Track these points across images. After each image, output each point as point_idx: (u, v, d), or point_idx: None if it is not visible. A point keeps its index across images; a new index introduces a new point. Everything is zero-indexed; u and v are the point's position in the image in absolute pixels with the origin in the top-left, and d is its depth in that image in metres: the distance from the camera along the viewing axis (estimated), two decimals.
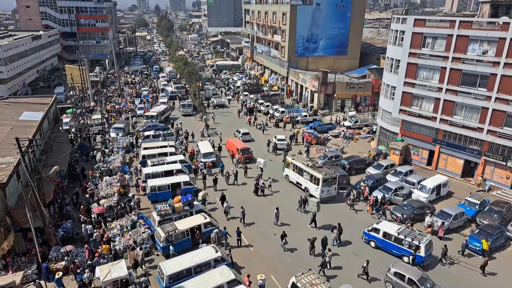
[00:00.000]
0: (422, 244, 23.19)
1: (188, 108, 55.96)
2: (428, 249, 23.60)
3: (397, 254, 24.49)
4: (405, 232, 24.42)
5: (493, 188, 33.04)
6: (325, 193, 30.88)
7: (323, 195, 30.83)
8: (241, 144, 40.43)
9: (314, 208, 27.98)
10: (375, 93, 54.77)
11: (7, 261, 22.50)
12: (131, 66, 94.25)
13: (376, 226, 25.67)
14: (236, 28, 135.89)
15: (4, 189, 22.78)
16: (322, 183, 30.49)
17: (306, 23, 63.93)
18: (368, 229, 26.00)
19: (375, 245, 25.58)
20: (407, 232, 24.50)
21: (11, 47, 64.32)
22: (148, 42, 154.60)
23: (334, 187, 31.32)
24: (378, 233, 25.25)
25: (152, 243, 25.08)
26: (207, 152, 38.59)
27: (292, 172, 33.97)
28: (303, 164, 32.61)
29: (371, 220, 28.42)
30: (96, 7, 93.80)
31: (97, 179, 33.72)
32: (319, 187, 30.65)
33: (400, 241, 24.13)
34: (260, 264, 23.81)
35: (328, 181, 30.80)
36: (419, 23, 35.43)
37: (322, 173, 30.74)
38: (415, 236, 23.85)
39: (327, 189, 30.88)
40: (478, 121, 32.89)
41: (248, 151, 39.19)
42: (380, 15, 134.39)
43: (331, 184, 31.00)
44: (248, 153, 38.94)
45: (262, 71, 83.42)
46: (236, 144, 40.17)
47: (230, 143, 41.05)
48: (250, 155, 39.08)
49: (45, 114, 36.22)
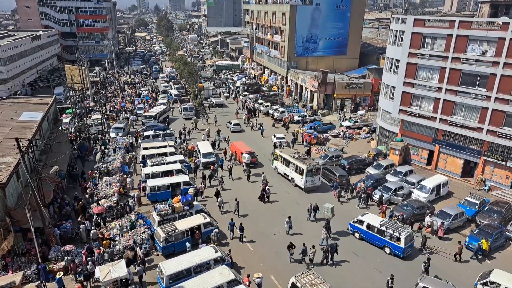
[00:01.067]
0: (403, 236, 23.86)
1: (189, 111, 54.42)
2: (409, 241, 24.24)
3: (378, 245, 25.26)
4: (387, 225, 25.20)
5: (492, 188, 33.06)
6: (309, 183, 32.70)
7: (307, 184, 32.73)
8: (245, 147, 39.12)
9: (328, 214, 27.04)
10: (375, 93, 54.80)
11: (7, 261, 22.48)
12: (130, 66, 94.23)
13: (361, 218, 26.49)
14: (236, 28, 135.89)
15: (4, 189, 22.74)
16: (306, 174, 32.22)
17: (306, 23, 63.95)
18: (354, 221, 26.86)
19: (359, 236, 26.38)
20: (389, 224, 25.28)
21: (11, 47, 64.32)
22: (148, 42, 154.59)
23: (318, 177, 33.07)
24: (362, 225, 26.04)
25: (152, 243, 25.07)
26: (206, 152, 38.37)
27: (280, 164, 35.86)
28: (290, 156, 34.50)
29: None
30: (95, 7, 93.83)
31: (97, 179, 33.71)
32: (303, 177, 32.35)
33: (382, 233, 24.90)
34: (259, 264, 23.80)
35: (312, 171, 32.58)
36: (419, 23, 35.45)
37: (306, 164, 32.50)
38: (396, 228, 24.55)
39: (311, 179, 32.67)
40: (477, 121, 32.90)
41: (253, 155, 38.03)
42: (380, 15, 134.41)
43: (315, 175, 32.77)
44: (252, 157, 37.75)
45: (261, 71, 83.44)
46: (240, 147, 39.03)
47: (234, 147, 40.05)
48: (254, 160, 37.99)
49: (45, 114, 36.19)
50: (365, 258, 24.56)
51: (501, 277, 20.66)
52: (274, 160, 37.03)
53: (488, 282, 20.85)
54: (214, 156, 38.39)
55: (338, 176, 33.79)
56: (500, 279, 20.54)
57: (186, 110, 54.50)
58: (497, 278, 20.63)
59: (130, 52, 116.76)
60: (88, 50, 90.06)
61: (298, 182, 33.27)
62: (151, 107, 58.22)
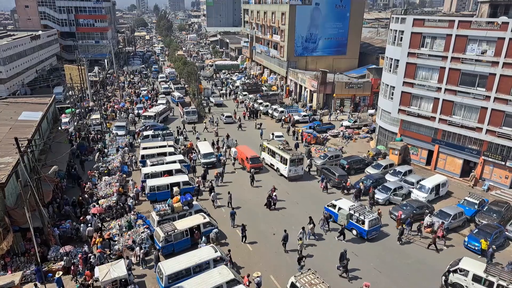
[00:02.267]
0: (367, 219, 25.90)
1: (192, 115, 52.04)
2: (373, 225, 26.15)
3: (347, 227, 26.90)
4: (355, 209, 27.02)
5: (492, 188, 33.08)
6: (292, 172, 34.94)
7: (291, 174, 34.98)
8: (250, 152, 37.69)
9: (344, 220, 26.65)
10: (374, 93, 54.82)
11: (6, 261, 22.47)
12: (130, 66, 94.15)
13: (334, 202, 28.50)
14: (235, 28, 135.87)
15: (3, 189, 22.73)
16: (290, 163, 34.52)
17: (305, 23, 63.93)
18: (328, 205, 28.87)
19: (332, 219, 28.02)
20: (358, 208, 27.09)
21: (10, 47, 64.18)
22: (147, 42, 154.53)
23: (300, 167, 35.35)
24: (335, 208, 27.88)
25: (151, 243, 25.06)
26: (207, 153, 38.19)
27: (267, 155, 38.07)
28: (276, 147, 36.66)
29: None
30: (95, 7, 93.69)
31: (96, 178, 33.69)
32: (287, 167, 34.66)
33: (351, 216, 26.83)
34: (259, 264, 23.80)
35: (295, 161, 34.83)
36: (418, 23, 35.46)
37: (289, 154, 34.78)
38: (363, 213, 26.41)
39: (294, 168, 34.92)
40: (477, 121, 32.92)
41: (258, 160, 36.97)
42: (379, 15, 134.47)
43: (298, 165, 35.03)
44: (258, 163, 36.69)
45: (261, 71, 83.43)
46: (245, 152, 37.56)
47: (239, 151, 38.71)
48: (260, 165, 36.97)
49: (44, 114, 36.16)
50: (365, 259, 24.57)
51: (470, 264, 21.55)
52: (262, 151, 38.95)
53: (457, 270, 21.64)
54: (215, 156, 38.38)
55: (337, 176, 33.82)
56: (469, 266, 21.41)
57: (189, 114, 52.13)
58: (466, 265, 21.50)
59: (130, 52, 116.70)
60: (87, 50, 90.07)
61: (283, 171, 35.49)
62: (152, 106, 58.16)
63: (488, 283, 20.33)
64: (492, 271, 20.64)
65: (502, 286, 19.76)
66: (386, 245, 26.06)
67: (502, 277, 20.01)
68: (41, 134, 34.07)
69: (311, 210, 29.82)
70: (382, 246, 25.85)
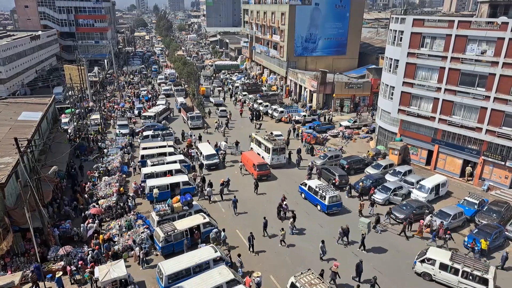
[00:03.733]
0: (327, 195, 29.01)
1: (197, 120, 49.84)
2: (333, 201, 29.21)
3: (314, 203, 30.54)
4: (320, 187, 30.28)
5: (492, 188, 33.09)
6: (275, 160, 37.66)
7: (274, 161, 37.55)
8: (258, 159, 36.39)
9: (363, 229, 25.39)
10: (374, 93, 54.83)
11: (6, 261, 22.48)
12: (130, 66, 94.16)
13: (305, 181, 31.86)
14: (235, 28, 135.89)
15: (3, 189, 22.74)
16: (272, 152, 37.18)
17: (305, 23, 63.96)
18: (301, 183, 32.29)
19: (304, 196, 31.50)
20: (322, 187, 30.37)
21: (10, 47, 64.22)
22: (147, 42, 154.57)
23: (283, 156, 38.10)
24: (306, 187, 31.31)
25: (151, 243, 25.06)
26: (210, 154, 37.71)
27: (255, 145, 40.49)
28: (261, 138, 39.53)
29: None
30: (94, 7, 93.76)
31: (96, 178, 33.68)
32: (270, 155, 37.18)
33: (316, 193, 30.10)
34: (259, 264, 23.80)
35: (277, 150, 37.45)
36: (418, 23, 35.47)
37: (272, 144, 37.49)
38: (327, 190, 29.62)
39: (277, 157, 37.65)
40: (476, 121, 32.92)
41: (266, 167, 35.50)
42: (379, 15, 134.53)
43: (280, 153, 37.68)
44: (265, 170, 35.28)
45: (261, 71, 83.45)
46: (252, 158, 36.11)
47: (245, 157, 37.34)
48: (268, 172, 35.49)
49: (44, 114, 36.17)
50: (365, 259, 24.52)
51: (437, 254, 22.69)
52: (251, 142, 41.47)
53: (425, 259, 22.65)
54: (218, 157, 38.09)
55: (337, 176, 33.82)
56: (435, 255, 22.52)
57: (194, 119, 49.82)
58: (433, 255, 22.60)
59: (129, 52, 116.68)
60: (87, 50, 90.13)
61: (267, 159, 37.52)
62: (152, 106, 58.16)
63: (454, 270, 21.57)
64: (457, 259, 21.86)
65: (467, 272, 21.11)
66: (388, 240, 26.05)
67: (466, 264, 21.36)
68: (40, 134, 34.07)
69: (310, 209, 29.87)
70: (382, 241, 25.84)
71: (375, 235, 26.88)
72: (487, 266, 21.38)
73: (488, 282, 20.57)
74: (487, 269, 21.04)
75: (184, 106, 56.35)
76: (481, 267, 21.15)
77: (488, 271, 20.85)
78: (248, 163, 36.57)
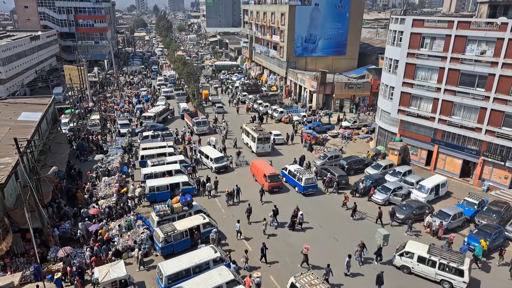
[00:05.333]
0: (303, 177, 32.00)
1: (203, 125, 47.56)
2: (309, 183, 32.15)
3: (292, 184, 33.37)
4: (299, 171, 33.20)
5: (491, 188, 33.10)
6: (260, 148, 40.75)
7: (259, 150, 40.71)
8: (268, 168, 33.98)
9: (380, 241, 24.39)
10: (374, 93, 54.84)
11: (6, 261, 22.44)
12: (129, 66, 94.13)
13: (287, 166, 34.75)
14: (235, 29, 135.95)
15: (3, 189, 22.71)
16: (257, 141, 40.36)
17: (305, 23, 63.98)
18: (283, 168, 35.11)
19: (285, 180, 34.13)
20: (300, 170, 33.32)
21: (10, 48, 64.19)
22: (147, 43, 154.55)
23: (268, 145, 41.11)
24: (286, 171, 34.23)
25: (151, 243, 25.05)
26: (218, 157, 36.78)
27: (245, 136, 43.57)
28: (249, 128, 42.46)
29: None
30: (94, 8, 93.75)
31: (95, 179, 33.64)
32: (255, 144, 40.34)
33: (295, 176, 32.93)
34: (259, 264, 23.79)
35: (262, 140, 40.61)
36: (418, 24, 35.48)
37: (257, 133, 40.70)
38: (303, 173, 32.69)
39: (261, 146, 40.82)
40: (476, 121, 32.93)
41: (278, 178, 33.38)
42: (379, 15, 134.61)
43: (264, 143, 40.83)
44: (277, 181, 33.15)
45: (260, 71, 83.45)
46: (263, 168, 33.79)
47: (255, 167, 35.02)
48: (280, 183, 33.32)
49: (44, 115, 36.14)
50: (365, 260, 24.55)
51: (415, 247, 23.34)
52: (242, 133, 44.33)
53: (404, 253, 23.30)
54: (226, 159, 37.60)
55: (337, 176, 33.82)
56: (414, 249, 23.18)
57: (200, 125, 47.32)
58: (411, 248, 23.29)
59: (129, 52, 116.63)
60: (87, 50, 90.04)
61: (253, 148, 41.10)
62: (152, 106, 58.12)
63: (431, 262, 22.35)
64: (434, 252, 22.60)
65: (443, 264, 21.87)
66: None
67: (443, 257, 22.13)
68: (40, 134, 34.04)
69: (310, 210, 29.91)
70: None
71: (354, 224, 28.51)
72: (463, 258, 22.10)
73: (464, 273, 21.35)
74: (463, 260, 21.81)
75: (188, 111, 53.66)
76: (457, 259, 21.91)
77: (463, 263, 21.64)
78: (258, 173, 34.33)
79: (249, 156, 40.27)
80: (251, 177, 35.78)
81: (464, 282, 21.38)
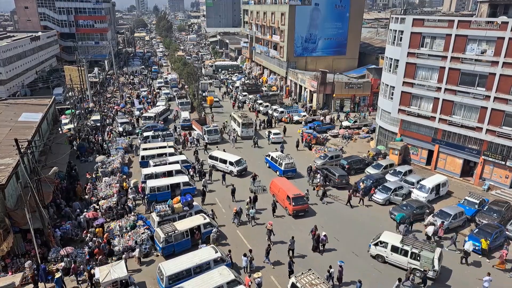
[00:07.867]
0: (283, 162, 35.17)
1: (214, 134, 44.39)
2: (288, 167, 35.21)
3: (274, 169, 36.49)
4: (280, 156, 36.48)
5: (492, 188, 33.08)
6: (244, 132, 45.10)
7: (243, 134, 45.07)
8: (292, 189, 29.71)
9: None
10: (374, 93, 54.82)
11: (6, 262, 22.47)
12: (130, 66, 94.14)
13: (270, 153, 37.94)
14: (235, 29, 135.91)
15: (3, 190, 22.74)
16: (242, 126, 45.02)
17: (305, 23, 63.95)
18: (266, 155, 38.48)
19: (268, 166, 37.60)
20: (282, 156, 36.46)
21: (10, 48, 64.28)
22: (147, 43, 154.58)
23: (251, 129, 45.48)
24: (269, 157, 37.45)
25: (151, 243, 25.05)
26: (237, 160, 36.14)
27: (233, 122, 47.99)
28: (236, 115, 47.47)
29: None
30: (94, 8, 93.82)
31: (95, 179, 33.63)
32: (239, 128, 44.91)
33: (276, 161, 36.14)
34: (259, 264, 23.78)
35: (246, 125, 45.09)
36: (418, 23, 35.46)
37: (242, 119, 45.31)
38: (284, 158, 35.95)
39: (246, 130, 45.17)
40: (477, 121, 32.91)
41: (303, 200, 29.08)
42: (379, 15, 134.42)
43: (248, 127, 45.32)
44: (303, 204, 28.97)
45: (261, 71, 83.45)
46: (285, 189, 29.56)
47: (276, 186, 30.86)
48: (306, 206, 29.16)
49: (44, 115, 36.18)
50: (365, 260, 24.58)
51: (389, 237, 24.16)
52: (230, 120, 48.82)
53: (378, 242, 24.23)
54: (245, 161, 36.93)
55: (337, 176, 33.81)
56: (388, 239, 24.01)
57: (211, 133, 44.22)
58: (386, 238, 24.12)
59: (129, 52, 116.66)
60: (87, 51, 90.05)
61: (238, 132, 45.36)
62: (152, 106, 58.08)
63: (403, 252, 23.06)
64: (407, 241, 23.42)
65: (415, 253, 22.59)
66: None
67: (414, 246, 22.91)
68: (41, 135, 34.08)
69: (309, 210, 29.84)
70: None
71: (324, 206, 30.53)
72: (434, 247, 22.76)
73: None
74: (433, 249, 22.45)
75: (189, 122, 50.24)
76: (428, 248, 22.59)
77: (434, 252, 22.28)
78: (280, 194, 30.03)
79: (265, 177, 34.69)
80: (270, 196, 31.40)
81: (434, 270, 21.91)
